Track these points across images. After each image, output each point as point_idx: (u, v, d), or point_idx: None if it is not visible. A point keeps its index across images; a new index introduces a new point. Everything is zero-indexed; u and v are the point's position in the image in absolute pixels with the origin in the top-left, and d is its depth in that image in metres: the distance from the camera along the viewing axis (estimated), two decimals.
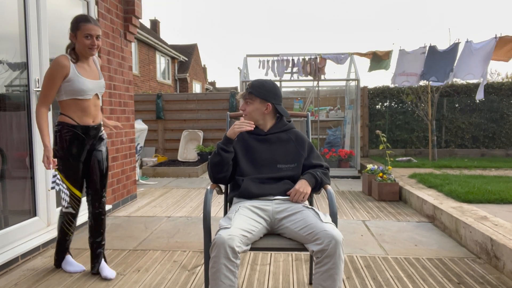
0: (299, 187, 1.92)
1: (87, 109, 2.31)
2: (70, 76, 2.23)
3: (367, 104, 8.33)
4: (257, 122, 2.06)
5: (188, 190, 5.39)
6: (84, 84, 2.26)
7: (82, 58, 2.32)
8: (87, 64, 2.35)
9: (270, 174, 1.98)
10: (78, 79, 2.24)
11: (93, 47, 2.25)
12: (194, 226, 3.55)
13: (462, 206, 3.51)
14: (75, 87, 2.24)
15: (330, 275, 1.63)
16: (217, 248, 1.63)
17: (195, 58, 23.77)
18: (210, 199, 1.88)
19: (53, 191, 3.15)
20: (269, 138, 2.06)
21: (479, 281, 2.34)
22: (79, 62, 2.30)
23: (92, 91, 2.31)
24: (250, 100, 2.04)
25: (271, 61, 6.59)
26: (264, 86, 2.03)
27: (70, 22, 2.26)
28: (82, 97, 2.27)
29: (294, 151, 2.04)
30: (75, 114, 2.29)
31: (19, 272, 2.52)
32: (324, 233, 1.66)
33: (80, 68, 2.28)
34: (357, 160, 6.54)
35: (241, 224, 1.75)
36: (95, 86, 2.34)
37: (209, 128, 8.24)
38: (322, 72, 6.49)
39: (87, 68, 2.33)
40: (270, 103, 2.03)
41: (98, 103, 2.42)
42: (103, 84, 2.42)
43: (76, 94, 2.26)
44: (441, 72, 6.11)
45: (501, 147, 8.08)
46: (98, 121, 2.42)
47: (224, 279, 1.63)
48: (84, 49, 2.25)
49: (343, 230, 3.40)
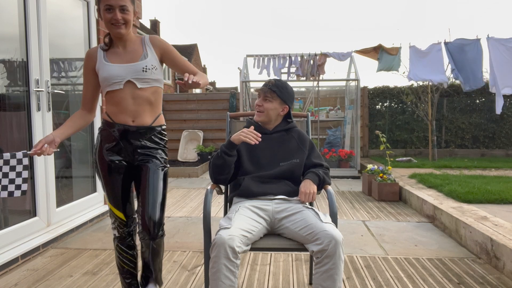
0: (305, 188, 1.91)
1: (121, 103, 1.78)
2: (97, 66, 1.80)
3: (367, 104, 8.33)
4: (269, 121, 2.08)
5: (188, 190, 5.39)
6: (108, 70, 1.76)
7: (117, 41, 1.81)
8: (123, 48, 1.82)
9: (274, 171, 2.00)
10: (103, 67, 1.78)
11: (116, 22, 1.72)
12: (194, 226, 3.55)
13: (462, 206, 3.50)
14: (101, 76, 1.79)
15: (330, 275, 1.63)
16: (217, 248, 1.63)
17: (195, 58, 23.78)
18: (210, 199, 1.88)
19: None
20: (273, 137, 2.07)
21: (479, 281, 2.34)
22: (112, 47, 1.82)
23: (119, 77, 1.76)
24: (270, 98, 2.03)
25: (267, 59, 6.44)
26: (287, 89, 2.05)
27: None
28: (111, 88, 1.78)
29: (296, 148, 2.06)
30: (111, 110, 1.82)
31: (19, 272, 2.52)
32: (324, 233, 1.66)
33: (111, 53, 1.81)
34: (357, 160, 6.54)
35: (241, 224, 1.75)
36: (125, 70, 1.77)
37: (209, 128, 8.25)
38: (321, 70, 6.37)
39: (121, 51, 1.81)
40: (288, 106, 2.08)
41: (142, 95, 1.80)
42: (141, 67, 1.77)
43: (105, 85, 1.79)
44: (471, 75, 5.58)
45: (501, 147, 8.08)
46: (142, 123, 1.82)
47: (224, 279, 1.63)
48: (109, 27, 1.74)
49: (343, 230, 3.40)
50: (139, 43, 1.85)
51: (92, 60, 1.82)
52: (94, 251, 2.91)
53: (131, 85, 1.78)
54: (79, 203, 3.56)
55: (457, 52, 5.85)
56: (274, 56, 6.43)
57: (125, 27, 1.75)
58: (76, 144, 3.60)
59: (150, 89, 1.81)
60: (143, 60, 1.79)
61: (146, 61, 1.79)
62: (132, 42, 1.84)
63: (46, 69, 3.06)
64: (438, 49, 5.98)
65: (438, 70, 5.95)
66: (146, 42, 1.85)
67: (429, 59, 6.02)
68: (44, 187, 3.02)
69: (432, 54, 6.01)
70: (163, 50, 1.86)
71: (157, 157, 1.87)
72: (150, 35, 1.89)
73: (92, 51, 1.84)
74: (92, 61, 1.82)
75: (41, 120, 3.00)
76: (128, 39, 1.83)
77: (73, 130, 1.83)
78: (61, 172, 3.32)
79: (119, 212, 1.89)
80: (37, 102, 2.95)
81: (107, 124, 1.84)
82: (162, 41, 1.87)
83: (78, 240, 3.15)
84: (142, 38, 1.87)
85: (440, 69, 5.95)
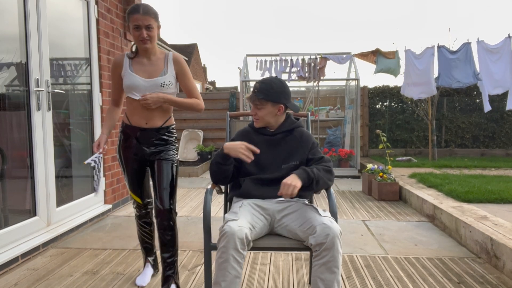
0: (286, 179, 1.77)
1: (137, 108, 2.11)
2: (123, 72, 2.10)
3: (367, 104, 8.33)
4: (269, 124, 2.01)
5: (188, 189, 5.39)
6: (131, 80, 2.07)
7: (142, 52, 2.11)
8: (147, 59, 2.12)
9: (274, 174, 1.96)
10: (127, 75, 2.08)
11: (143, 39, 2.01)
12: (194, 226, 3.55)
13: (462, 206, 3.51)
14: (124, 83, 2.10)
15: (328, 267, 1.64)
16: (226, 239, 1.62)
17: (195, 58, 23.77)
18: (210, 199, 1.88)
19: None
20: (276, 138, 2.01)
21: (479, 281, 2.34)
22: (138, 57, 2.12)
23: (140, 89, 2.07)
24: (260, 105, 1.95)
25: (269, 61, 6.54)
26: (273, 88, 1.93)
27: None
28: (132, 95, 2.10)
29: (297, 150, 1.99)
30: (129, 112, 2.16)
31: (19, 272, 2.52)
32: (322, 226, 1.66)
33: (136, 63, 2.11)
34: (357, 159, 6.54)
35: (247, 217, 1.77)
36: (146, 85, 2.07)
37: (209, 127, 8.25)
38: (322, 73, 6.43)
39: (146, 64, 2.11)
40: (282, 104, 1.97)
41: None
42: (160, 83, 2.08)
43: (127, 91, 2.12)
44: (464, 74, 5.81)
45: (501, 146, 8.08)
46: (154, 125, 2.15)
47: (231, 269, 1.63)
48: (137, 42, 2.05)
49: (343, 230, 3.40)
50: (162, 58, 2.14)
51: (119, 67, 2.13)
52: (94, 250, 2.91)
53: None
54: (79, 203, 3.56)
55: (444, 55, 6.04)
56: (276, 59, 6.50)
57: (150, 42, 2.05)
58: (76, 144, 3.60)
59: None
60: (162, 76, 2.10)
61: (165, 77, 2.10)
62: (156, 56, 2.14)
63: (46, 69, 3.06)
64: (431, 53, 6.11)
65: (430, 80, 6.13)
66: (169, 59, 2.15)
67: (422, 67, 6.19)
68: (44, 186, 3.02)
69: (425, 59, 6.16)
70: (180, 71, 2.17)
71: (167, 152, 2.19)
72: (174, 54, 2.17)
73: (119, 59, 2.13)
74: (119, 68, 2.13)
75: (41, 119, 3.00)
76: (153, 52, 2.12)
77: (113, 124, 2.25)
78: (61, 172, 3.32)
79: (136, 197, 2.30)
80: (37, 101, 2.95)
81: (125, 126, 2.20)
82: (183, 64, 2.17)
83: (78, 240, 3.15)
84: (166, 55, 2.15)
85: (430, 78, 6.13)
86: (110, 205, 4.00)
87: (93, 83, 3.84)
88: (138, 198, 2.29)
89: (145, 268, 2.42)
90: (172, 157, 2.19)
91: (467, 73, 5.84)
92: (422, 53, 6.21)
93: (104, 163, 3.96)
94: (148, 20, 1.99)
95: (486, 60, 5.70)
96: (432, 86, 6.08)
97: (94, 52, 3.83)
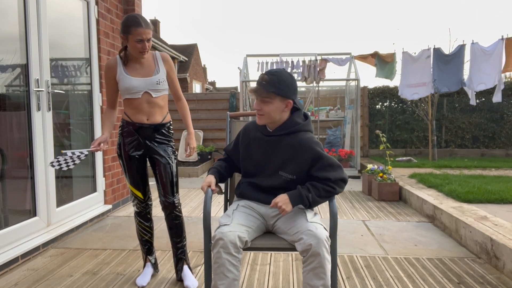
0: (278, 200, 1.71)
1: (138, 106, 2.25)
2: (118, 76, 2.23)
3: (367, 104, 8.33)
4: (273, 121, 1.82)
5: (188, 190, 5.39)
6: (129, 82, 2.21)
7: (134, 57, 2.25)
8: (139, 62, 2.26)
9: (269, 181, 1.87)
10: (124, 79, 2.21)
11: (144, 50, 2.17)
12: (194, 226, 3.55)
13: (462, 206, 3.51)
14: (122, 86, 2.23)
15: (316, 273, 1.63)
16: (218, 245, 1.65)
17: (195, 58, 23.77)
18: (210, 199, 1.88)
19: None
20: (272, 140, 1.84)
21: (479, 281, 2.34)
22: (131, 61, 2.25)
23: (138, 89, 2.22)
24: (268, 98, 1.75)
25: (270, 63, 6.59)
26: (284, 82, 1.75)
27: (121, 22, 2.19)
28: (131, 96, 2.23)
29: (292, 160, 1.81)
30: (129, 112, 2.28)
31: (19, 272, 2.52)
32: (308, 233, 1.65)
33: (129, 67, 2.25)
34: (357, 160, 6.54)
35: (240, 220, 1.78)
36: (143, 84, 2.23)
37: (209, 128, 8.24)
38: (322, 74, 6.50)
39: (138, 67, 2.26)
40: (291, 100, 1.79)
41: (155, 101, 2.27)
42: (155, 81, 2.24)
43: (125, 93, 2.25)
44: (451, 80, 6.17)
45: (501, 147, 8.07)
46: (154, 121, 2.29)
47: (228, 273, 1.64)
48: (136, 52, 2.17)
49: (343, 230, 3.40)
50: (151, 59, 2.29)
51: (112, 71, 2.24)
52: (94, 251, 2.91)
53: (147, 94, 2.25)
54: (79, 203, 3.56)
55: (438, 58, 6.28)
56: (277, 61, 6.54)
57: (147, 51, 2.20)
58: (76, 144, 3.59)
59: (160, 96, 2.29)
60: (156, 75, 2.26)
61: (158, 75, 2.26)
62: (146, 58, 2.26)
63: (46, 69, 3.06)
64: (427, 55, 6.30)
65: (425, 81, 6.36)
66: (157, 58, 2.30)
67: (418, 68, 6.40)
68: (44, 186, 3.02)
69: (421, 62, 6.36)
70: (170, 69, 2.34)
71: (168, 148, 2.34)
72: (160, 53, 2.32)
73: (112, 63, 2.24)
74: (112, 71, 2.24)
75: (41, 120, 3.00)
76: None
77: (112, 125, 2.35)
78: (61, 172, 3.32)
79: (137, 192, 2.37)
80: (37, 102, 2.95)
81: (127, 123, 2.29)
82: (171, 62, 2.35)
83: (78, 240, 3.15)
84: (153, 55, 2.30)
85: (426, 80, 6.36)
86: (110, 205, 4.00)
87: (93, 83, 3.84)
88: (139, 192, 2.37)
89: (145, 268, 2.43)
90: (171, 153, 2.35)
91: (454, 81, 6.19)
92: (418, 55, 6.38)
93: (104, 163, 3.96)
94: (149, 33, 2.14)
95: (477, 59, 5.95)
96: (428, 87, 6.30)
97: (94, 52, 3.83)
